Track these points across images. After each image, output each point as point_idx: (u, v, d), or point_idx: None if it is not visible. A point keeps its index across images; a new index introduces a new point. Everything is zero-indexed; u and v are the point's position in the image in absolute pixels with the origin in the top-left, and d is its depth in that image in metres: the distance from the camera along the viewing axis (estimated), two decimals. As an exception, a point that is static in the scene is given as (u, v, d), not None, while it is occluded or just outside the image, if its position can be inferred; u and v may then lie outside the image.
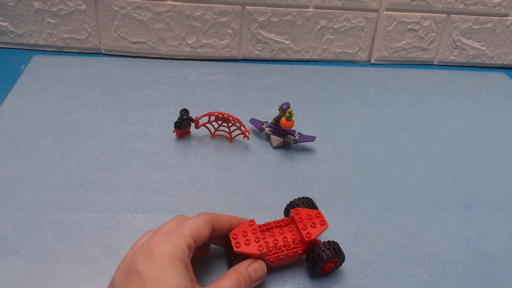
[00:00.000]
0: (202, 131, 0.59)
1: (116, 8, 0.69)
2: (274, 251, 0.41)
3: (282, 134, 0.57)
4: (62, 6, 0.69)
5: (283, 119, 0.55)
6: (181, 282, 0.33)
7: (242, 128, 0.56)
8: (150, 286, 0.32)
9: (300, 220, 0.42)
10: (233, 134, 0.58)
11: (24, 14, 0.69)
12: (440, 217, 0.51)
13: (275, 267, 0.43)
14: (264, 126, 0.59)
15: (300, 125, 0.61)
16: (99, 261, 0.42)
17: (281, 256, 0.41)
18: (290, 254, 0.41)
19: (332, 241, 0.42)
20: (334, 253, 0.41)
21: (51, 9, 0.69)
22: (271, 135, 0.58)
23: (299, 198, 0.46)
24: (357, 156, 0.58)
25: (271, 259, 0.41)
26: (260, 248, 0.40)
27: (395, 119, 0.66)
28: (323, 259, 0.40)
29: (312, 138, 0.57)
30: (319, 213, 0.43)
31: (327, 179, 0.54)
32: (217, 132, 0.59)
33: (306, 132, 0.60)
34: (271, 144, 0.58)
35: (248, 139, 0.57)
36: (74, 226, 0.45)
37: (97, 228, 0.45)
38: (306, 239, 0.41)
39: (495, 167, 0.59)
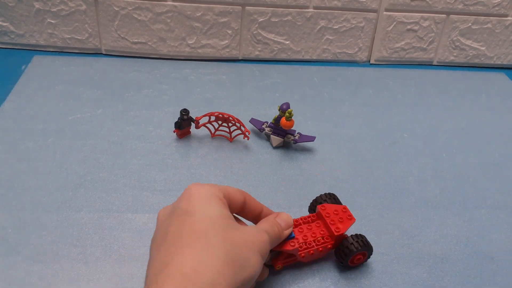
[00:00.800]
0: (202, 131, 0.59)
1: (116, 9, 0.70)
2: (305, 246, 0.42)
3: (282, 134, 0.58)
4: (62, 7, 0.69)
5: (283, 119, 0.55)
6: (222, 211, 0.35)
7: (242, 128, 0.56)
8: (193, 215, 0.33)
9: (327, 215, 0.43)
10: (233, 134, 0.58)
11: (24, 14, 0.70)
12: (440, 216, 0.51)
13: (305, 263, 0.44)
14: (264, 126, 0.59)
15: (300, 125, 0.61)
16: (99, 260, 0.42)
17: (311, 251, 0.42)
18: (321, 249, 0.42)
19: (360, 234, 0.43)
20: (363, 245, 0.42)
21: (52, 10, 0.69)
22: (271, 135, 0.58)
23: (324, 194, 0.47)
24: (357, 156, 0.58)
25: (303, 255, 0.42)
26: (292, 244, 0.41)
27: (395, 119, 0.66)
28: (352, 251, 0.41)
29: (312, 138, 0.58)
30: (345, 208, 0.44)
31: (327, 179, 0.54)
32: (217, 132, 0.59)
33: (306, 132, 0.60)
34: (271, 144, 0.59)
35: (248, 139, 0.57)
36: (75, 226, 0.45)
37: (97, 228, 0.46)
38: (336, 233, 0.42)
39: (495, 167, 0.59)
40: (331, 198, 0.47)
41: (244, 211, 0.40)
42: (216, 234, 0.33)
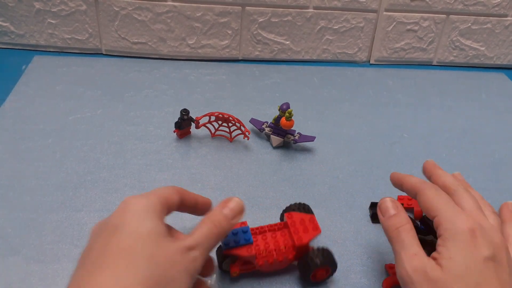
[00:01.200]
0: (203, 131, 0.59)
1: (116, 9, 0.70)
2: (264, 254, 0.40)
3: (282, 134, 0.58)
4: (62, 7, 0.69)
5: (283, 119, 0.55)
6: (155, 226, 0.32)
7: (242, 128, 0.56)
8: (121, 231, 0.31)
9: (292, 224, 0.41)
10: (233, 134, 0.58)
11: (25, 14, 0.70)
12: (440, 216, 0.51)
13: (266, 273, 0.42)
14: (264, 126, 0.59)
15: (300, 125, 0.61)
16: (99, 260, 0.42)
17: (270, 260, 0.40)
18: (280, 259, 0.40)
19: (326, 248, 0.41)
20: (326, 260, 0.40)
21: (52, 10, 0.69)
22: (271, 135, 0.58)
23: (295, 203, 0.44)
24: (357, 156, 0.58)
25: (261, 263, 0.40)
26: (249, 250, 0.39)
27: (394, 119, 0.66)
28: (315, 264, 0.39)
29: (312, 138, 0.58)
30: (312, 217, 0.42)
31: (327, 179, 0.54)
32: (217, 132, 0.59)
33: (306, 132, 0.60)
34: (271, 144, 0.59)
35: (248, 139, 0.57)
36: (75, 226, 0.45)
37: (97, 227, 0.46)
38: (297, 243, 0.40)
39: (495, 167, 0.59)
40: (302, 208, 0.43)
41: (181, 208, 0.38)
42: (142, 252, 0.31)
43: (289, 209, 0.44)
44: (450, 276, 0.33)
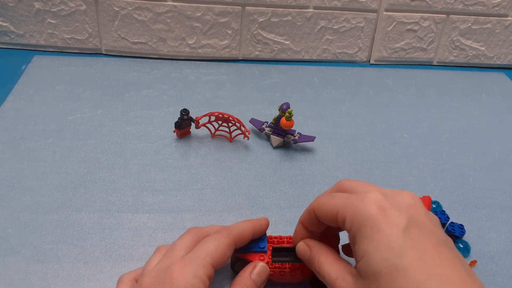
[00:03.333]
0: (202, 131, 0.59)
1: (116, 9, 0.70)
2: (277, 265, 0.39)
3: (282, 134, 0.58)
4: (62, 7, 0.69)
5: (283, 119, 0.55)
6: None
7: (242, 128, 0.56)
8: None
9: None
10: (233, 134, 0.58)
11: (24, 14, 0.70)
12: (440, 216, 0.51)
13: (276, 282, 0.41)
14: (264, 126, 0.59)
15: (300, 125, 0.61)
16: (99, 260, 0.43)
17: (282, 273, 0.39)
18: (292, 274, 0.40)
19: None
20: None
21: (52, 10, 0.69)
22: (271, 135, 0.58)
23: None
24: (357, 156, 0.58)
25: (272, 272, 0.39)
26: (262, 258, 0.39)
27: (394, 119, 0.66)
28: None
29: (312, 138, 0.58)
30: (334, 239, 0.40)
31: (327, 179, 0.54)
32: (217, 132, 0.59)
33: (306, 132, 0.60)
34: (271, 144, 0.59)
35: (248, 139, 0.57)
36: (75, 226, 0.45)
37: (98, 227, 0.46)
38: None
39: (495, 167, 0.59)
40: None
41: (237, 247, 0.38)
42: None
43: None
44: (367, 279, 0.30)
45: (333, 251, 0.36)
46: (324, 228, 0.38)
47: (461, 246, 0.46)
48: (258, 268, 0.38)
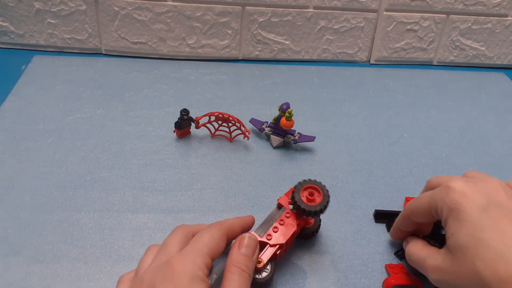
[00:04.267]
0: (202, 131, 0.59)
1: (116, 9, 0.70)
2: (284, 247, 0.41)
3: (282, 134, 0.58)
4: (62, 7, 0.69)
5: (283, 119, 0.55)
6: None
7: (242, 128, 0.56)
8: None
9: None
10: (233, 134, 0.58)
11: (24, 14, 0.70)
12: (440, 216, 0.51)
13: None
14: (264, 126, 0.59)
15: (300, 125, 0.61)
16: (99, 260, 0.43)
17: (287, 248, 0.42)
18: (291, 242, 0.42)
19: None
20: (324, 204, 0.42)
21: (52, 10, 0.69)
22: (271, 135, 0.58)
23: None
24: (357, 156, 0.58)
25: (280, 255, 0.41)
26: (269, 237, 0.40)
27: (394, 119, 0.66)
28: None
29: (312, 138, 0.58)
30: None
31: (327, 179, 0.54)
32: (217, 132, 0.59)
33: (306, 132, 0.60)
34: (271, 144, 0.59)
35: (248, 139, 0.57)
36: (75, 226, 0.45)
37: (97, 227, 0.46)
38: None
39: (495, 167, 0.59)
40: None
41: (229, 241, 0.39)
42: None
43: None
44: (455, 253, 0.34)
45: (421, 240, 0.42)
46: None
47: None
48: (245, 241, 0.38)
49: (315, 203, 0.41)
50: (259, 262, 0.39)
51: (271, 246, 0.40)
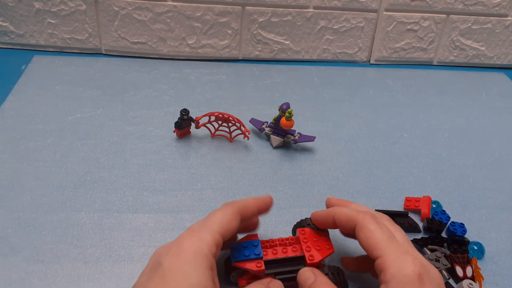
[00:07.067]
0: (202, 131, 0.59)
1: (116, 9, 0.70)
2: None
3: (282, 134, 0.58)
4: (62, 7, 0.69)
5: (283, 119, 0.55)
6: (201, 280, 0.32)
7: (242, 128, 0.56)
8: (169, 279, 0.32)
9: (305, 241, 0.40)
10: (233, 134, 0.58)
11: (24, 14, 0.70)
12: (440, 216, 0.51)
13: None
14: (264, 126, 0.59)
15: (300, 125, 0.61)
16: (99, 260, 0.43)
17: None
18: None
19: (337, 267, 0.40)
20: (338, 279, 0.38)
21: (52, 10, 0.69)
22: (271, 135, 0.58)
23: (308, 218, 0.43)
24: (357, 156, 0.58)
25: (269, 277, 0.39)
26: (259, 265, 0.38)
27: (394, 119, 0.66)
28: None
29: (312, 138, 0.58)
30: (326, 235, 0.41)
31: (327, 179, 0.54)
32: (217, 132, 0.59)
33: (306, 132, 0.60)
34: (271, 144, 0.59)
35: (248, 139, 0.57)
36: (75, 226, 0.45)
37: (97, 227, 0.46)
38: (309, 261, 0.39)
39: (495, 167, 0.59)
40: (313, 225, 0.42)
41: (244, 221, 0.38)
42: None
43: (301, 223, 0.43)
44: None
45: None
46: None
47: (476, 248, 0.46)
48: (274, 283, 0.37)
49: None
50: (243, 285, 0.39)
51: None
